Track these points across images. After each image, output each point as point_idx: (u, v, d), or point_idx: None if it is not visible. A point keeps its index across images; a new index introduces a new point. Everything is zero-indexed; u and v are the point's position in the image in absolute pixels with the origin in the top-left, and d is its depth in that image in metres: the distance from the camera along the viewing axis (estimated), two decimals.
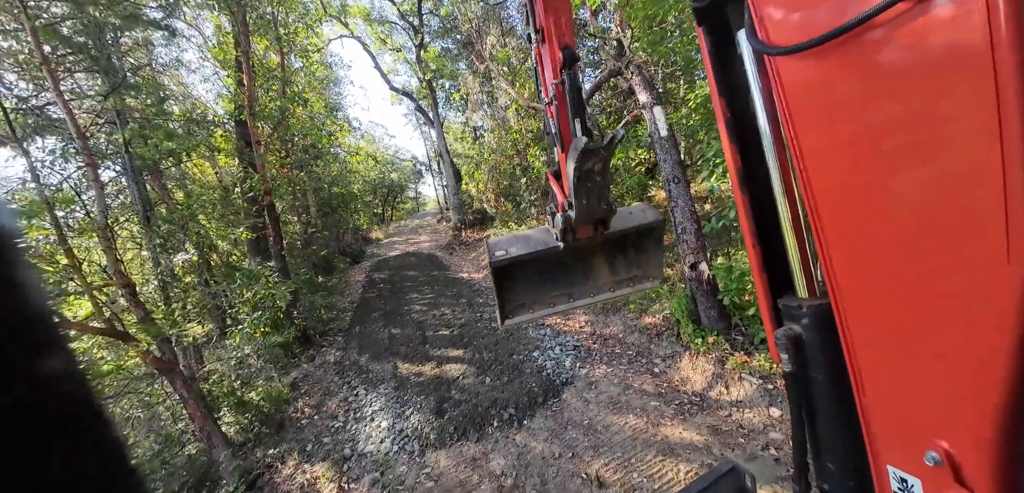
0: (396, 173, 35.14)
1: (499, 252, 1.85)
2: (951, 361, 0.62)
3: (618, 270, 2.09)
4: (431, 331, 7.70)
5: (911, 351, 0.66)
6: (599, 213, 1.63)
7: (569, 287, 2.06)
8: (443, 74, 22.66)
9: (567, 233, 1.73)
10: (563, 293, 2.05)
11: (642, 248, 2.06)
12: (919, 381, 0.67)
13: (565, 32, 1.62)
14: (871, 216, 0.66)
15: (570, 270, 2.08)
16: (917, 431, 0.69)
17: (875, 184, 0.64)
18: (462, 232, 19.84)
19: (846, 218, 0.70)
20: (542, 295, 2.05)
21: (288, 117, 10.97)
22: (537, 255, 1.86)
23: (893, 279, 0.66)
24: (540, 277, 2.05)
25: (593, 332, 6.54)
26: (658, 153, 5.79)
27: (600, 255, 2.10)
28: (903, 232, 0.63)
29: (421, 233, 26.78)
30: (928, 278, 0.61)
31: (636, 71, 6.34)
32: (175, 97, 11.61)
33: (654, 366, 5.08)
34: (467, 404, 4.82)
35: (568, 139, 1.62)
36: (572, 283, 2.07)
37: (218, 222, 10.65)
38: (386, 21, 23.70)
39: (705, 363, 4.69)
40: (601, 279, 2.09)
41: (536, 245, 1.87)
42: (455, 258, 17.08)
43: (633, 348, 5.66)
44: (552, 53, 1.64)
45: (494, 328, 7.20)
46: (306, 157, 15.42)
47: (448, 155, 21.94)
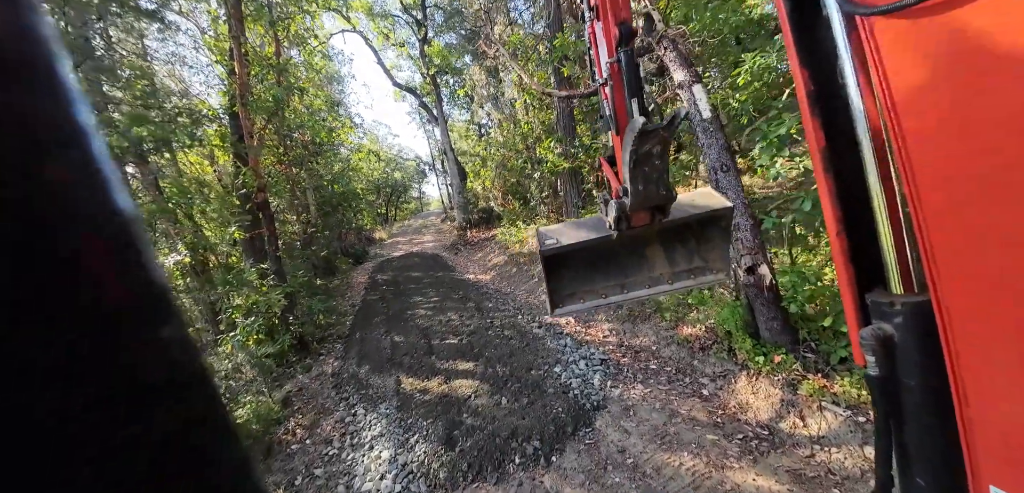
0: (399, 172, 34.50)
1: (549, 241, 1.77)
2: None
3: (677, 261, 1.94)
4: (437, 339, 6.96)
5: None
6: (657, 199, 1.52)
7: (622, 278, 1.95)
8: (447, 69, 21.97)
9: (621, 221, 1.63)
10: (615, 284, 1.94)
11: (705, 238, 1.89)
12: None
13: (621, 6, 1.49)
14: (987, 206, 0.57)
15: (623, 260, 1.96)
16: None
17: (993, 170, 0.55)
18: (467, 232, 19.13)
19: (955, 207, 0.61)
20: (593, 285, 1.95)
21: (284, 108, 10.27)
22: (589, 244, 1.78)
23: (1008, 277, 0.57)
24: (591, 267, 1.95)
25: (620, 343, 5.77)
26: (700, 138, 5.01)
27: (656, 245, 1.96)
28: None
29: (425, 233, 26.12)
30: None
31: (670, 46, 5.57)
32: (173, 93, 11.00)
33: (702, 388, 4.31)
34: (482, 432, 4.07)
35: (624, 121, 1.53)
36: (625, 274, 1.95)
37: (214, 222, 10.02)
38: (389, 15, 23.02)
39: (768, 386, 3.91)
40: (658, 270, 1.95)
41: (588, 233, 1.79)
42: (460, 259, 16.36)
43: (672, 364, 4.89)
44: (607, 29, 1.54)
45: (507, 337, 6.46)
46: (305, 153, 14.77)
47: (452, 152, 21.24)
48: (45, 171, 0.21)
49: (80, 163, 0.24)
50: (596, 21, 1.69)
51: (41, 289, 0.20)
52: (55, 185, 0.22)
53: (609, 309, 6.91)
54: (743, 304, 4.34)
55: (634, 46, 1.49)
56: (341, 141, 21.39)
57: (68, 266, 0.22)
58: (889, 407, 0.80)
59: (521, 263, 11.84)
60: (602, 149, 9.01)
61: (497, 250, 14.73)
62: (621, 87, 1.51)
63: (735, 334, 4.33)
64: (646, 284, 1.94)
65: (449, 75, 22.77)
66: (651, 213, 1.66)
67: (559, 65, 8.91)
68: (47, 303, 0.21)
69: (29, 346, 0.20)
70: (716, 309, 5.06)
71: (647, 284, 1.94)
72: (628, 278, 1.96)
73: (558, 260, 1.89)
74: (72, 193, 0.23)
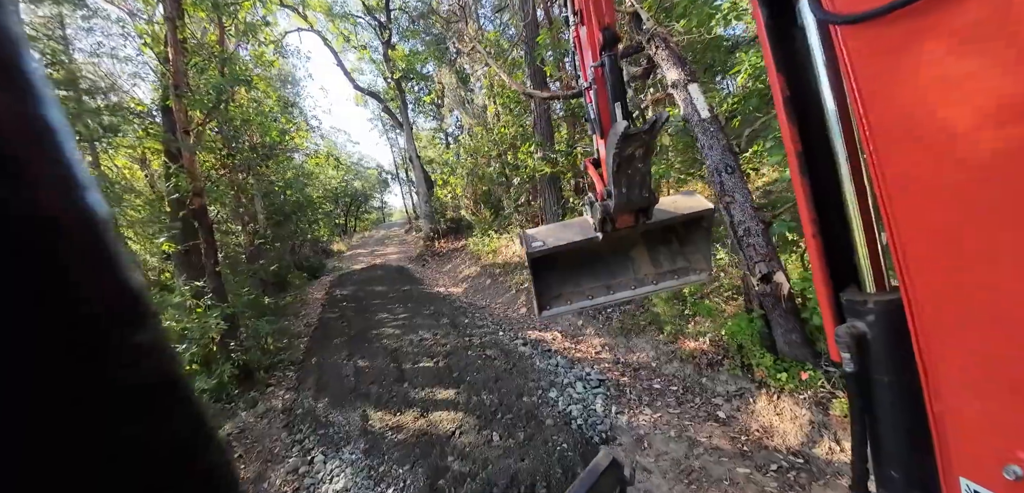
0: (360, 181, 32.79)
1: (536, 243, 1.80)
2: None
3: (661, 262, 1.98)
4: (409, 362, 6.14)
5: (994, 355, 0.60)
6: (640, 202, 1.55)
7: (608, 279, 1.98)
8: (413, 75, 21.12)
9: (606, 223, 1.67)
10: (601, 285, 1.97)
11: (688, 239, 1.95)
12: (1002, 387, 0.61)
13: (606, 12, 1.51)
14: (954, 205, 0.59)
15: (609, 261, 2.00)
16: (997, 442, 0.62)
17: (959, 172, 0.57)
18: (435, 242, 18.23)
19: (923, 207, 0.63)
20: (579, 287, 1.98)
21: (227, 101, 9.05)
22: (574, 246, 1.80)
23: (974, 275, 0.60)
24: (577, 268, 1.98)
25: (616, 360, 5.29)
26: (700, 139, 4.69)
27: (641, 246, 2.00)
28: (990, 225, 0.56)
29: (388, 244, 24.75)
30: (1015, 275, 0.55)
31: (661, 44, 5.27)
32: (100, 89, 9.37)
33: (716, 409, 3.88)
34: (474, 481, 3.38)
35: (608, 125, 1.55)
36: (611, 274, 1.99)
37: (140, 233, 8.55)
38: (350, 16, 21.88)
39: (793, 406, 3.54)
40: (642, 271, 1.98)
41: (574, 235, 1.82)
42: (429, 271, 15.43)
43: (677, 383, 4.46)
44: (591, 34, 1.57)
45: (490, 357, 5.78)
46: (254, 157, 13.32)
47: (418, 160, 20.35)
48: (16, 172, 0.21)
49: (52, 164, 0.23)
50: (581, 26, 1.69)
51: (11, 292, 0.20)
52: (26, 186, 0.21)
53: (599, 322, 6.44)
54: (759, 316, 3.99)
55: (618, 51, 1.50)
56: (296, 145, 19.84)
57: (40, 269, 0.21)
58: (863, 402, 0.82)
59: (496, 274, 11.21)
60: (584, 152, 8.65)
61: (468, 261, 14.00)
62: (605, 91, 1.51)
63: (751, 349, 3.96)
64: (631, 285, 1.94)
65: (414, 80, 21.94)
66: (635, 215, 1.66)
67: (540, 65, 8.51)
68: (18, 307, 0.20)
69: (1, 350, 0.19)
70: (719, 321, 4.72)
71: (632, 285, 1.94)
72: (614, 279, 1.97)
73: (545, 262, 1.87)
74: (44, 195, 0.22)
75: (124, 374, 0.24)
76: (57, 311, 0.21)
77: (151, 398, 0.25)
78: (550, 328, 6.90)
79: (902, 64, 0.59)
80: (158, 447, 0.25)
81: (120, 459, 0.23)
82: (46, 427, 0.20)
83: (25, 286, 0.20)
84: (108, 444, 0.22)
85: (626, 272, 2.00)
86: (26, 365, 0.20)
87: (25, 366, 0.20)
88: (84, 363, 0.22)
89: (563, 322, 6.98)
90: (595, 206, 1.68)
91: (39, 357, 0.20)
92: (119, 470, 0.23)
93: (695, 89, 5.09)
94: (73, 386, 0.21)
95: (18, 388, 0.19)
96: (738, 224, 4.15)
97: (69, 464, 0.21)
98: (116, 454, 0.23)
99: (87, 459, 0.21)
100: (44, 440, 0.20)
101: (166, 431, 0.26)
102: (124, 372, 0.24)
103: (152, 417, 0.25)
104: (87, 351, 0.22)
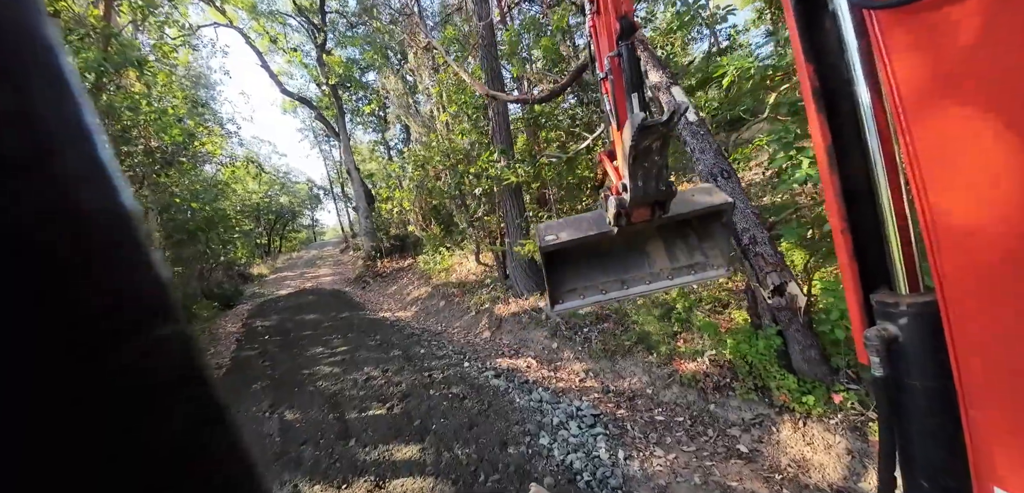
0: (288, 196, 29.54)
1: (549, 237, 1.79)
2: None
3: (677, 256, 1.94)
4: (354, 410, 4.93)
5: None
6: (657, 195, 1.51)
7: (622, 274, 1.94)
8: (352, 83, 19.54)
9: (621, 217, 1.63)
10: (615, 279, 1.94)
11: (706, 234, 1.92)
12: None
13: (622, 0, 1.46)
14: (996, 206, 0.56)
15: (623, 256, 1.96)
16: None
17: (1004, 170, 0.54)
18: (377, 262, 16.64)
19: (963, 207, 0.60)
20: (593, 281, 1.95)
21: (105, 80, 7.14)
22: (589, 240, 1.78)
23: (1018, 277, 0.56)
24: (591, 263, 1.96)
25: (605, 388, 4.65)
26: (689, 143, 4.32)
27: (657, 240, 1.97)
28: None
29: (320, 266, 22.21)
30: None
31: (641, 46, 4.93)
32: None
33: (736, 443, 3.37)
34: None
35: (624, 116, 1.52)
36: (626, 269, 1.95)
37: None
38: (278, 15, 19.76)
39: (824, 433, 3.12)
40: (657, 266, 1.95)
41: (587, 229, 1.80)
42: (371, 294, 13.86)
43: (683, 412, 3.91)
44: (608, 23, 1.54)
45: (458, 397, 4.82)
46: (149, 163, 10.97)
47: (357, 172, 18.68)
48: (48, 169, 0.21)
49: (85, 162, 0.24)
50: (596, 15, 1.70)
51: (45, 286, 0.20)
52: (61, 184, 0.22)
53: (577, 344, 5.79)
54: (775, 332, 3.59)
55: (635, 41, 1.46)
56: (208, 152, 17.11)
57: (72, 264, 0.22)
58: (892, 408, 0.80)
59: (450, 295, 10.19)
60: (548, 160, 8.14)
61: (417, 281, 12.77)
62: (622, 82, 1.50)
63: (767, 369, 3.53)
64: (647, 279, 1.92)
65: (353, 88, 20.32)
66: (651, 209, 1.65)
67: (504, 65, 7.91)
68: (50, 300, 0.21)
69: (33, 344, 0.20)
70: (719, 337, 4.30)
71: (648, 279, 1.92)
72: (628, 274, 1.94)
73: (558, 256, 1.88)
74: (78, 192, 0.23)
75: (155, 369, 0.25)
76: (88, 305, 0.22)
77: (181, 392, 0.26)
78: (522, 354, 6.12)
79: (944, 52, 0.56)
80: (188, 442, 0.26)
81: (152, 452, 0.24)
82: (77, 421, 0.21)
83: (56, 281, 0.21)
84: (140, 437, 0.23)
85: (641, 267, 1.96)
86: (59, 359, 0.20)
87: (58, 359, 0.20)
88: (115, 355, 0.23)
89: (535, 346, 6.24)
90: (611, 200, 1.64)
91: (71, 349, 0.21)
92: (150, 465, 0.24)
93: (678, 91, 4.77)
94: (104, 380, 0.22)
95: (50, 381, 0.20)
96: (742, 232, 3.77)
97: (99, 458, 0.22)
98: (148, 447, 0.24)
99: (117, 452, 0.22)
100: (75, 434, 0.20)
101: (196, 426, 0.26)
102: (156, 366, 0.25)
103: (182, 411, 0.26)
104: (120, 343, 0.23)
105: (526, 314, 7.22)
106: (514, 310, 7.58)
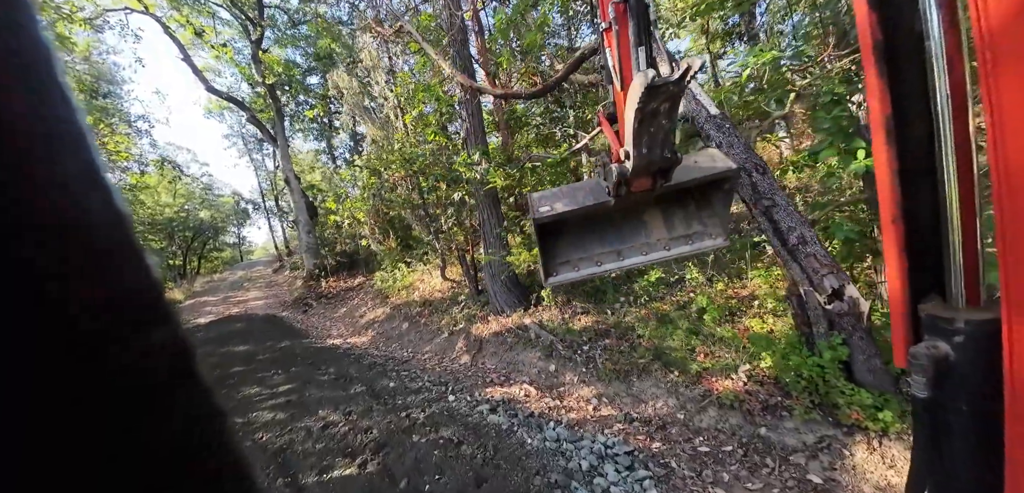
0: (208, 210, 25.89)
1: (543, 207, 1.72)
2: None
3: (676, 226, 1.85)
4: (313, 471, 3.74)
5: None
6: (662, 163, 1.41)
7: (619, 244, 1.87)
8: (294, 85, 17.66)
9: (622, 187, 1.52)
10: (611, 251, 1.87)
11: (706, 202, 1.82)
12: None
13: None
14: None
15: (620, 225, 1.88)
16: None
17: None
18: (322, 282, 14.81)
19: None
20: (588, 253, 1.89)
21: None
22: (585, 210, 1.71)
23: None
24: (586, 233, 1.90)
25: (626, 416, 4.00)
26: (714, 137, 3.93)
27: (656, 209, 1.88)
28: None
29: (249, 288, 19.38)
30: None
31: None
32: None
33: (804, 473, 2.86)
34: None
35: (629, 75, 1.33)
36: (622, 240, 1.88)
37: None
38: (205, 7, 17.33)
39: (906, 452, 2.71)
40: (655, 237, 1.86)
41: (584, 199, 1.71)
42: (315, 319, 12.13)
43: (729, 439, 3.36)
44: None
45: (453, 444, 3.86)
46: None
47: (297, 181, 16.75)
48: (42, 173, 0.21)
49: (77, 165, 0.23)
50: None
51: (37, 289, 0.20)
52: (53, 187, 0.22)
53: (578, 364, 5.11)
54: (838, 341, 3.17)
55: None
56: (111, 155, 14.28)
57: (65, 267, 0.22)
58: (934, 433, 0.71)
59: (414, 315, 9.07)
60: (531, 162, 7.50)
61: (372, 301, 11.39)
62: (627, 34, 1.29)
63: (833, 383, 3.09)
64: (643, 250, 1.85)
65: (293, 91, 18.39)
66: (653, 177, 1.53)
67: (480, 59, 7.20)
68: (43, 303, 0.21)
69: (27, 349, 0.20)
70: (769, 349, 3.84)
71: (644, 250, 1.85)
72: (625, 244, 1.87)
73: (551, 228, 1.81)
74: (69, 195, 0.23)
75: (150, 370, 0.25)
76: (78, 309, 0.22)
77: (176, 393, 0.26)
78: (515, 380, 5.29)
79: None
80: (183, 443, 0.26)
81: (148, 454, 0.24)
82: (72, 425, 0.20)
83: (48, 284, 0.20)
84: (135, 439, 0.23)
85: (638, 236, 1.87)
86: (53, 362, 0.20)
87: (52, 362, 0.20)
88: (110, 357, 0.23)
89: (529, 369, 5.45)
90: (610, 167, 1.50)
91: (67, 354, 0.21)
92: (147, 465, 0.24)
93: (693, 84, 4.44)
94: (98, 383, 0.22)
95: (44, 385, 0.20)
96: (787, 232, 3.37)
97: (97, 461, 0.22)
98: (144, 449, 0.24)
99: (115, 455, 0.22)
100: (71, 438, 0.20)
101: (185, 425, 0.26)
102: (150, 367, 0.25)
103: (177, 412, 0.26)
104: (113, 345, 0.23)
105: (511, 334, 6.42)
106: (495, 329, 6.74)
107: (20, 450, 0.19)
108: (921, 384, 0.67)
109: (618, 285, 6.48)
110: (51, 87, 0.23)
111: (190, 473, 0.26)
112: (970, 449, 0.66)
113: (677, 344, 4.47)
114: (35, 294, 0.20)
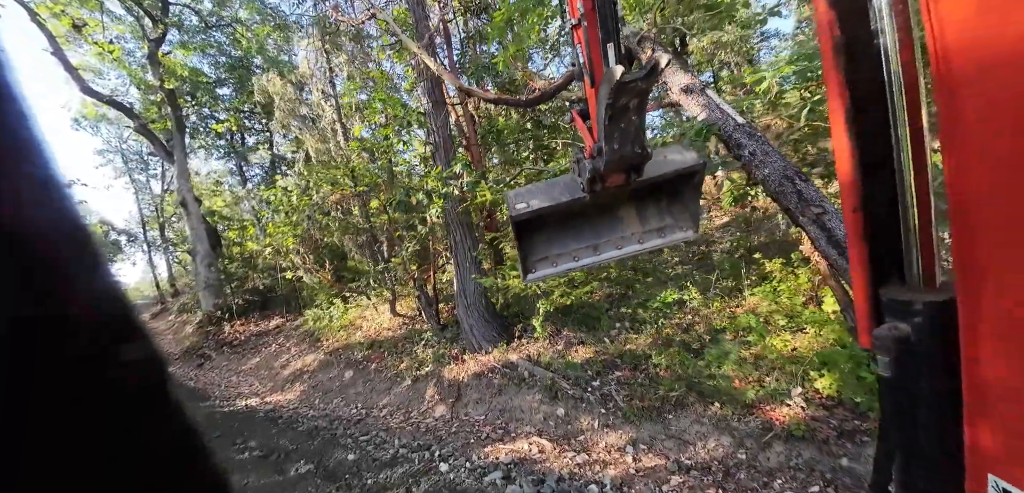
0: None
1: (520, 204, 1.74)
2: None
3: (649, 220, 1.92)
4: None
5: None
6: (634, 159, 1.43)
7: (594, 239, 1.92)
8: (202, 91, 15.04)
9: (596, 182, 1.56)
10: (588, 246, 1.92)
11: (676, 196, 1.87)
12: None
13: None
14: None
15: (595, 220, 1.93)
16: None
17: None
18: (224, 326, 12.04)
19: (1008, 190, 0.50)
20: (565, 248, 1.93)
21: None
22: (561, 206, 1.75)
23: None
24: (563, 230, 1.93)
25: (676, 465, 3.29)
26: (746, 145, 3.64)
27: (630, 203, 1.93)
28: None
29: None
30: None
31: (652, 45, 4.34)
32: None
33: None
34: None
35: (600, 70, 1.38)
36: (598, 235, 1.93)
37: None
38: None
39: None
40: (630, 230, 1.92)
41: (560, 195, 1.75)
42: (216, 374, 9.61)
43: (810, 475, 2.84)
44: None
45: None
46: None
47: (197, 206, 13.88)
48: None
49: (35, 177, 0.23)
50: None
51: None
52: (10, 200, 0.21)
53: (593, 404, 4.32)
54: None
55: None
56: None
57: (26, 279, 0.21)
58: (897, 410, 0.75)
59: (360, 361, 7.48)
60: (500, 181, 6.82)
61: (298, 346, 9.35)
62: (596, 29, 1.35)
63: None
64: (618, 244, 1.89)
65: (199, 101, 15.65)
66: (626, 173, 1.56)
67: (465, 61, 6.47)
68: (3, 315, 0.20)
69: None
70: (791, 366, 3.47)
71: (618, 244, 1.89)
72: (600, 238, 1.91)
73: (529, 225, 1.83)
74: (29, 207, 0.22)
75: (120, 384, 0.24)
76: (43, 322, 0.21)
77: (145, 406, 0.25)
78: (516, 432, 4.30)
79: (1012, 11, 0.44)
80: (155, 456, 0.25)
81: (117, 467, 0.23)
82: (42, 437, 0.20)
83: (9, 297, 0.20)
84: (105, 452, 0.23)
85: (613, 231, 1.92)
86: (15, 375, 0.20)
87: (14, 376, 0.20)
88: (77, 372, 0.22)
89: (531, 416, 4.51)
90: (583, 163, 1.56)
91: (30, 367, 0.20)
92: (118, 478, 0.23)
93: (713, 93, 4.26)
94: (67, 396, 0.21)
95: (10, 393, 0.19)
96: (843, 239, 3.13)
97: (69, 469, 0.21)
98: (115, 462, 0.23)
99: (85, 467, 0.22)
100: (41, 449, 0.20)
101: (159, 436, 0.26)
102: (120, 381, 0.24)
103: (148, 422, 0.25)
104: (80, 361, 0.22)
105: (495, 374, 5.41)
106: (475, 370, 5.67)
107: None
108: (885, 363, 0.71)
109: (611, 307, 5.94)
110: (6, 98, 0.22)
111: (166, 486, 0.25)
112: (932, 420, 0.69)
113: (711, 371, 3.97)
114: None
